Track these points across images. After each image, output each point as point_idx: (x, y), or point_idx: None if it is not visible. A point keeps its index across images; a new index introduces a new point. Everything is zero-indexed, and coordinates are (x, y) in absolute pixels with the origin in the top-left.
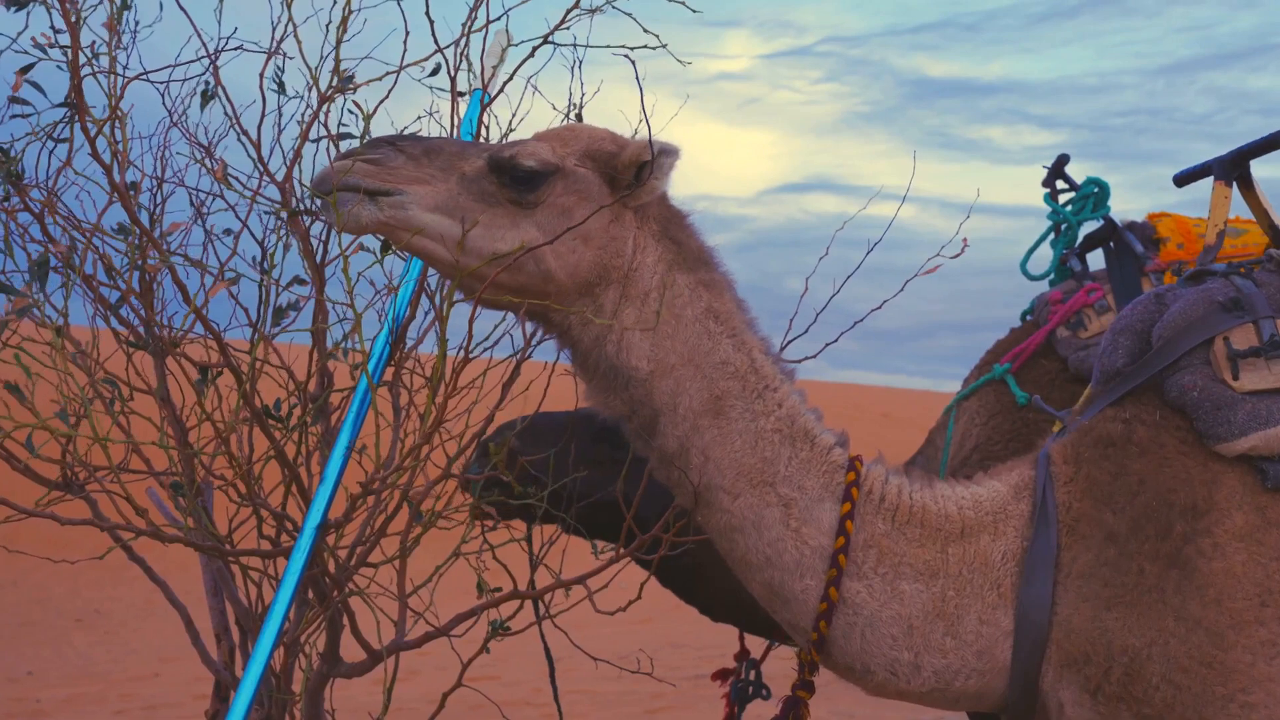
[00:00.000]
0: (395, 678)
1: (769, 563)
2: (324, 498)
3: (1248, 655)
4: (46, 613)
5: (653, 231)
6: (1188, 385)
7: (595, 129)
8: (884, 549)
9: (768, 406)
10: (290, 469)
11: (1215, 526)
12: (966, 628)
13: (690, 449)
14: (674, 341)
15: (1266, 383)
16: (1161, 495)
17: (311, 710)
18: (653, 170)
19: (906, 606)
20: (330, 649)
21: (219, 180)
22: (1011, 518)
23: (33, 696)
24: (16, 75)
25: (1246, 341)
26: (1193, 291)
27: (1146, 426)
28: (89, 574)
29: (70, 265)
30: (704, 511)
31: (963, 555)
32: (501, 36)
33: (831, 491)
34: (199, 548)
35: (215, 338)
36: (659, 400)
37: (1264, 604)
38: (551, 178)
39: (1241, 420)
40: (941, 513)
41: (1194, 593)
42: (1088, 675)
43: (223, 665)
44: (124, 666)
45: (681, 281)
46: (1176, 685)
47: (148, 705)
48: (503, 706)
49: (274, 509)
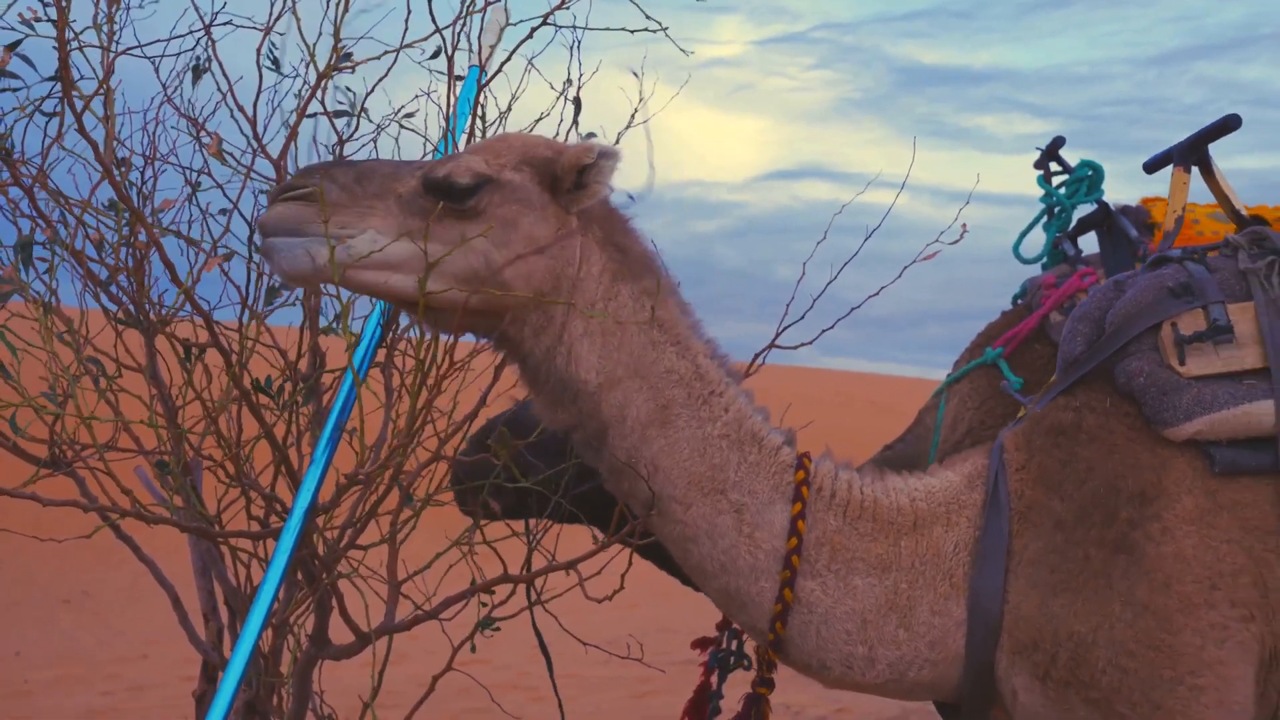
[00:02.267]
0: (386, 661)
1: (724, 569)
2: (313, 480)
3: (1197, 638)
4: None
5: (596, 238)
6: (1135, 371)
7: (529, 136)
8: (836, 545)
9: (714, 412)
10: (280, 450)
11: (1165, 511)
12: (919, 619)
13: (639, 460)
14: (620, 353)
15: (1214, 367)
16: (1109, 482)
17: (300, 692)
18: (594, 173)
19: (860, 601)
20: (319, 631)
21: (213, 155)
22: (965, 507)
23: (20, 677)
24: (4, 51)
25: (1194, 327)
26: (1146, 277)
27: (1096, 414)
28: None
29: (59, 242)
30: (657, 522)
31: (915, 547)
32: (498, 15)
33: (782, 492)
34: (186, 528)
35: (204, 316)
36: (607, 412)
37: (1214, 587)
38: (487, 189)
39: (1186, 405)
40: (893, 506)
41: (1141, 577)
42: (1036, 661)
43: (210, 646)
44: (111, 647)
45: (625, 292)
46: (1123, 669)
47: (135, 686)
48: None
49: (263, 489)
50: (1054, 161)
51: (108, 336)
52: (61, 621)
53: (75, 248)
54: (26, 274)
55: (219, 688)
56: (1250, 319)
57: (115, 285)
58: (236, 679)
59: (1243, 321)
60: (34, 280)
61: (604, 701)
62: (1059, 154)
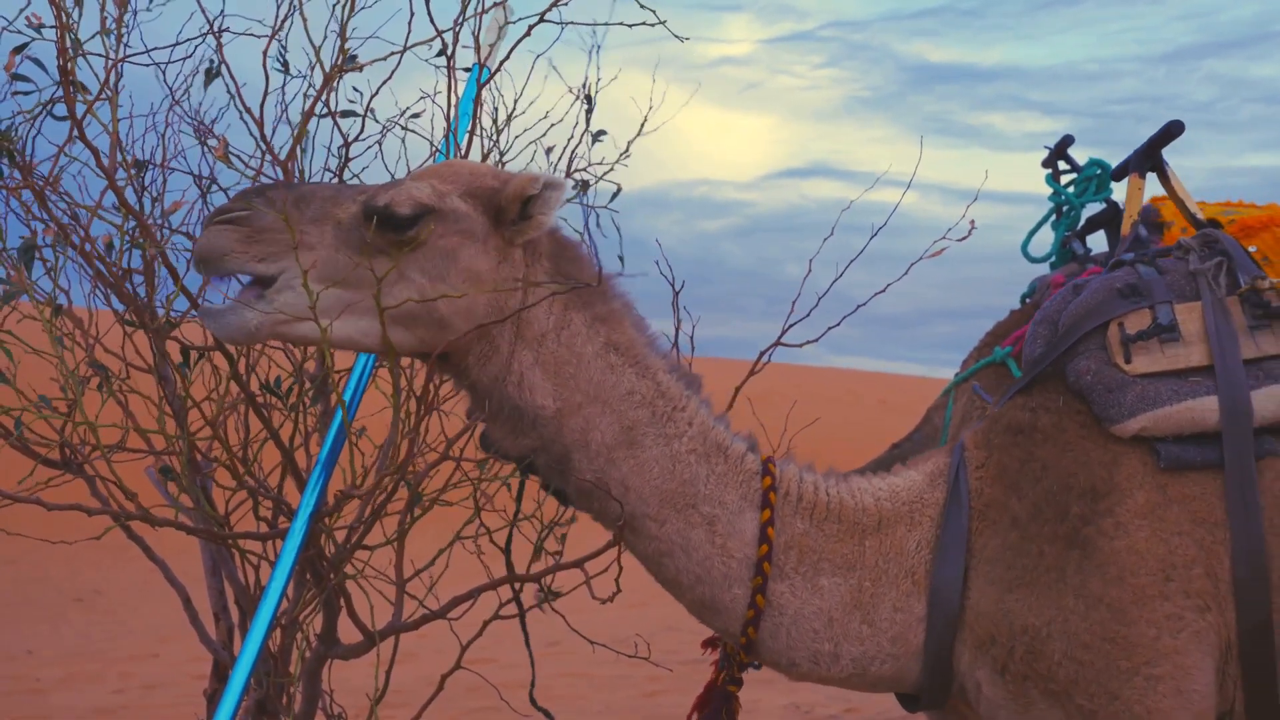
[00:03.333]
0: (394, 660)
1: (699, 581)
2: (319, 480)
3: (1151, 629)
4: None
5: (545, 270)
6: (1083, 370)
7: (477, 165)
8: (804, 548)
9: (679, 428)
10: (286, 452)
11: (1117, 506)
12: (882, 615)
13: (608, 481)
14: (578, 380)
15: (1159, 365)
16: (1063, 480)
17: (309, 691)
18: (539, 204)
19: (826, 600)
20: (327, 630)
21: (220, 159)
22: (928, 506)
23: (31, 675)
24: (11, 54)
25: (1140, 326)
26: (1099, 279)
27: (1050, 413)
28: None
29: (68, 242)
30: (630, 538)
31: (879, 546)
32: (499, 13)
33: (750, 500)
34: (193, 531)
35: None
36: (569, 437)
37: (1168, 579)
38: (427, 218)
39: (1131, 402)
40: (859, 506)
41: (1095, 571)
42: (995, 656)
43: (221, 645)
44: (122, 646)
45: (578, 320)
46: (1079, 661)
47: (146, 684)
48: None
49: (271, 491)
50: (1062, 160)
51: (116, 336)
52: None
53: (84, 250)
54: (31, 276)
55: (227, 687)
56: (1197, 318)
57: (125, 288)
58: (244, 678)
59: (1190, 321)
60: (41, 278)
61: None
62: (1067, 152)
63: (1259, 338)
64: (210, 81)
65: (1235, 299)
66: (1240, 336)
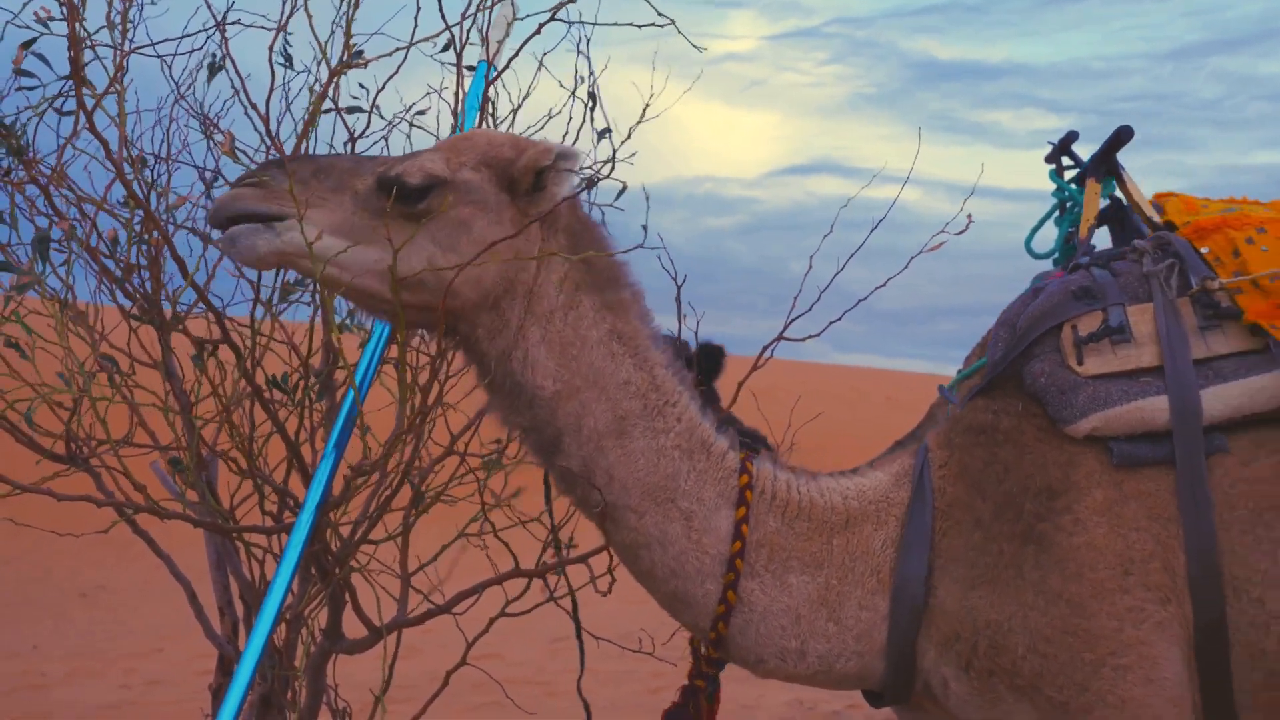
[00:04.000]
0: (397, 655)
1: (673, 574)
2: (325, 474)
3: (1113, 622)
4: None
5: (560, 244)
6: (1037, 372)
7: (494, 134)
8: (775, 546)
9: (668, 423)
10: (292, 445)
11: (1075, 504)
12: (847, 613)
13: (595, 469)
14: (579, 364)
15: (1110, 366)
16: (1022, 481)
17: (313, 686)
18: (552, 176)
19: (794, 597)
20: (332, 625)
21: (226, 153)
22: (893, 505)
23: (36, 671)
24: (19, 49)
25: (1092, 328)
26: (1056, 282)
27: (1010, 415)
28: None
29: (75, 238)
30: (609, 528)
31: (846, 544)
32: (507, 10)
33: (727, 497)
34: (200, 524)
35: (215, 314)
36: (563, 421)
37: (1127, 573)
38: (440, 189)
39: (1082, 403)
40: (827, 505)
41: (1054, 567)
42: (959, 652)
43: (226, 640)
44: (127, 641)
45: (587, 304)
46: (1042, 654)
47: (151, 680)
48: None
49: (277, 484)
50: (1066, 156)
51: (123, 332)
52: (77, 616)
53: (91, 245)
54: (43, 268)
55: (233, 682)
56: (1149, 319)
57: (130, 283)
58: (250, 672)
59: (1141, 322)
60: (49, 275)
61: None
62: (1071, 149)
63: (1209, 338)
64: (213, 76)
65: (1186, 300)
66: (1191, 337)
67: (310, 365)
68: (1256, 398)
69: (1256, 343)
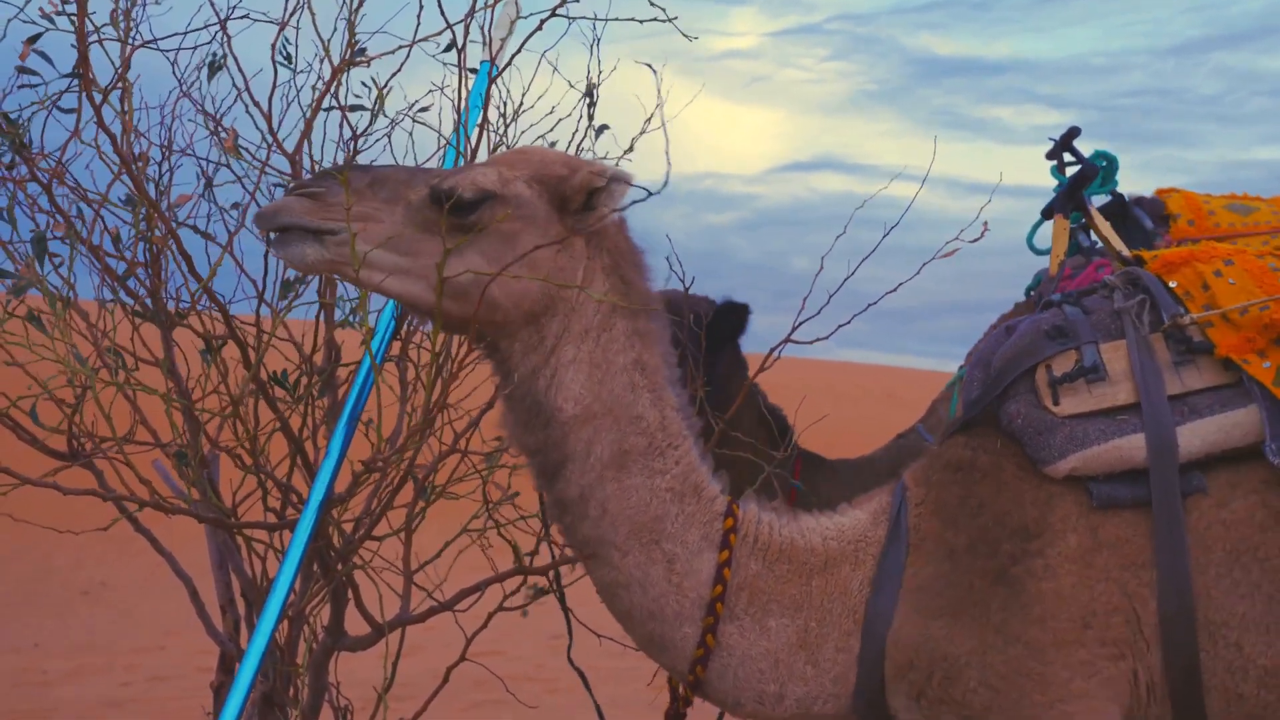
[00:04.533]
0: (400, 652)
1: (651, 616)
2: (328, 471)
3: (1065, 672)
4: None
5: (604, 265)
6: (1014, 414)
7: (550, 152)
8: (755, 589)
9: (666, 465)
10: (295, 442)
11: (1048, 548)
12: (825, 655)
13: (590, 500)
14: (602, 389)
15: (1087, 405)
16: (998, 518)
17: (315, 683)
18: (604, 196)
19: (773, 641)
20: (334, 622)
21: (229, 151)
22: (870, 544)
23: (38, 667)
24: (24, 45)
25: (1066, 368)
26: (1028, 321)
27: (989, 453)
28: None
29: (76, 236)
30: (592, 565)
31: (825, 586)
32: (510, 8)
33: (710, 540)
34: (203, 519)
35: (221, 310)
36: (573, 446)
37: (1086, 626)
38: (491, 203)
39: (1060, 443)
40: (807, 546)
41: (1019, 610)
42: (912, 681)
43: (228, 637)
44: (129, 638)
45: (620, 327)
46: (993, 689)
47: (153, 676)
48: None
49: (280, 480)
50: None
51: (125, 330)
52: (80, 612)
53: (93, 242)
54: (42, 268)
55: (235, 679)
56: (1122, 356)
57: (133, 279)
58: (253, 670)
59: (1115, 360)
60: (50, 274)
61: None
62: (1073, 145)
63: (1183, 373)
64: (215, 74)
65: (1159, 336)
66: (1165, 373)
67: (313, 362)
68: (1232, 433)
69: (1230, 377)
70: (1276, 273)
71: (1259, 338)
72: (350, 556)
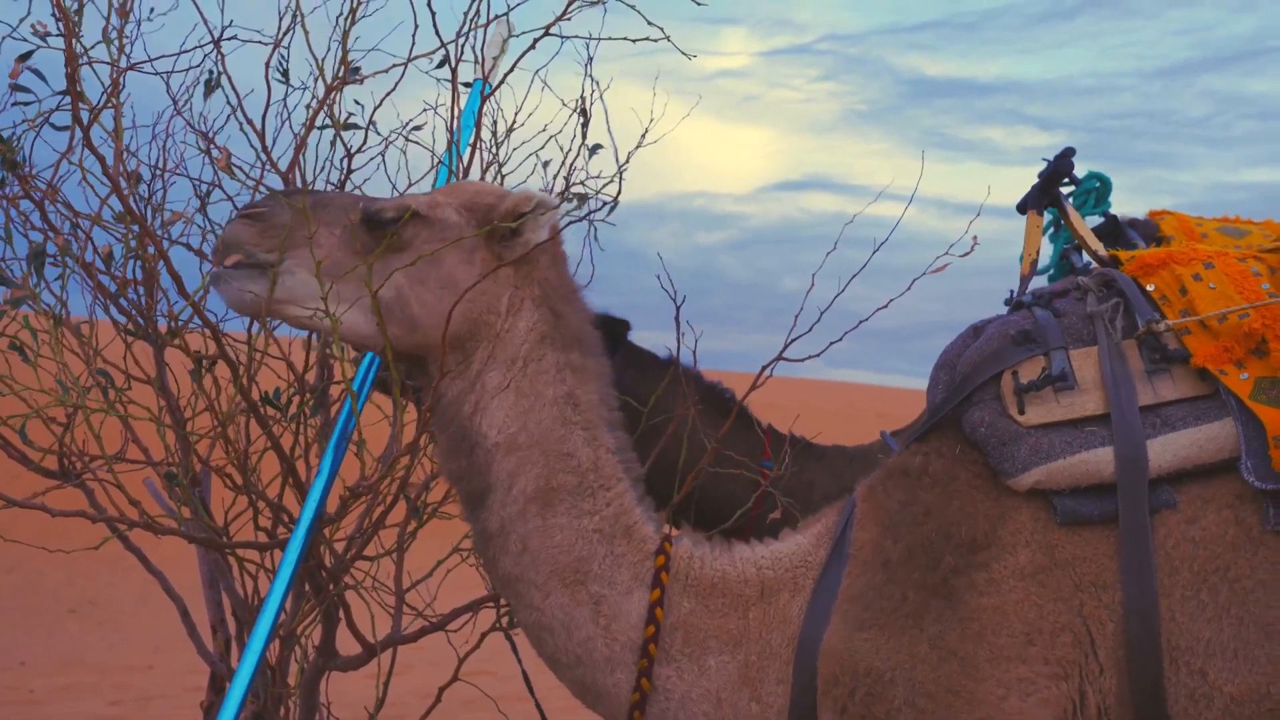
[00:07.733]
0: (391, 672)
1: (579, 661)
2: (319, 490)
3: (1000, 689)
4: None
5: (533, 295)
6: (977, 421)
7: (483, 185)
8: (690, 628)
9: (596, 506)
10: (287, 461)
11: (994, 562)
12: (767, 689)
13: (511, 533)
14: (528, 420)
15: (1054, 415)
16: (943, 527)
17: (306, 703)
18: (528, 222)
19: (713, 681)
20: (325, 642)
21: (222, 169)
22: (811, 568)
23: (26, 686)
24: (16, 62)
25: (1033, 375)
26: (995, 324)
27: (943, 460)
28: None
29: (69, 254)
30: (513, 604)
31: (763, 617)
32: (503, 27)
33: (641, 580)
34: (194, 539)
35: (211, 329)
36: (496, 475)
37: (1030, 643)
38: (415, 222)
39: (1024, 455)
40: (741, 577)
41: (956, 624)
42: (836, 696)
43: (218, 657)
44: (118, 657)
45: (550, 358)
46: (919, 709)
47: (142, 696)
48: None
49: (271, 500)
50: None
51: (117, 348)
52: (69, 630)
53: (85, 260)
54: (38, 283)
55: (225, 699)
56: (1093, 364)
57: (125, 298)
58: (243, 690)
59: (1085, 367)
60: (43, 291)
61: None
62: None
63: (1156, 383)
64: (210, 93)
65: (1133, 342)
66: (1137, 382)
67: (305, 381)
68: (1205, 448)
69: (1205, 387)
70: (1259, 278)
71: (1237, 347)
72: (342, 576)
